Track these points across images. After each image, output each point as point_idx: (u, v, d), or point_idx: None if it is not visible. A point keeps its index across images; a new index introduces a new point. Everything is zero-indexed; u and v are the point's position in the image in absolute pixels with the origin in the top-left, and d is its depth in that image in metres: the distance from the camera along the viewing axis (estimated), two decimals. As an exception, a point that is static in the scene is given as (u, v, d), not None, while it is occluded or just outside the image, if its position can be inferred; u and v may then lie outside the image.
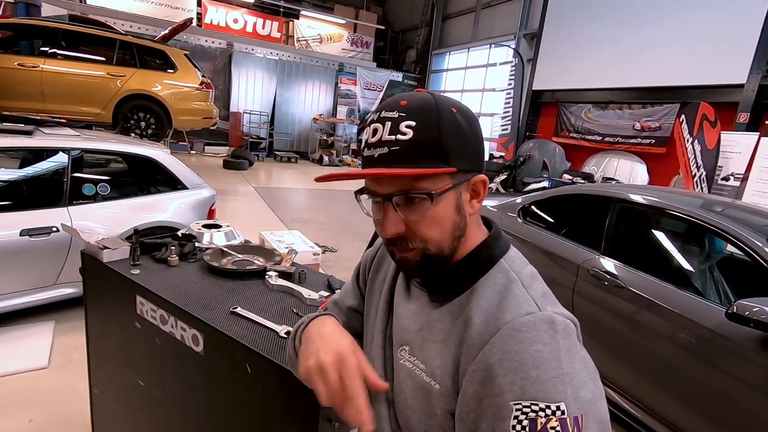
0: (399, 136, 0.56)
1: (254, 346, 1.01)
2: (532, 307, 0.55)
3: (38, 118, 3.41)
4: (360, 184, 0.64)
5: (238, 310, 1.16)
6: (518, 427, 0.49)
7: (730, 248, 2.37)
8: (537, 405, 0.49)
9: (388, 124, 0.57)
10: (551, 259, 2.70)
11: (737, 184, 5.55)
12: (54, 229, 2.61)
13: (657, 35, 7.17)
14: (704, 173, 5.79)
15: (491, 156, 10.23)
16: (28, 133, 2.78)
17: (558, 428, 0.48)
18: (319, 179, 0.64)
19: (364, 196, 0.63)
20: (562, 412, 0.48)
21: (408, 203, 0.58)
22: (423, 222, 0.58)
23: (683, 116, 6.26)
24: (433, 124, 0.57)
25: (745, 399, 1.78)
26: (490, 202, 3.51)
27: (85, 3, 10.32)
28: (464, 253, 0.63)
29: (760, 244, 1.93)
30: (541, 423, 0.48)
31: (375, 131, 0.58)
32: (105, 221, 2.85)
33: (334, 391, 0.58)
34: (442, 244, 0.60)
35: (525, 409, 0.49)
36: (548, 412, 0.48)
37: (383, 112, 0.59)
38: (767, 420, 1.70)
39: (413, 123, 0.56)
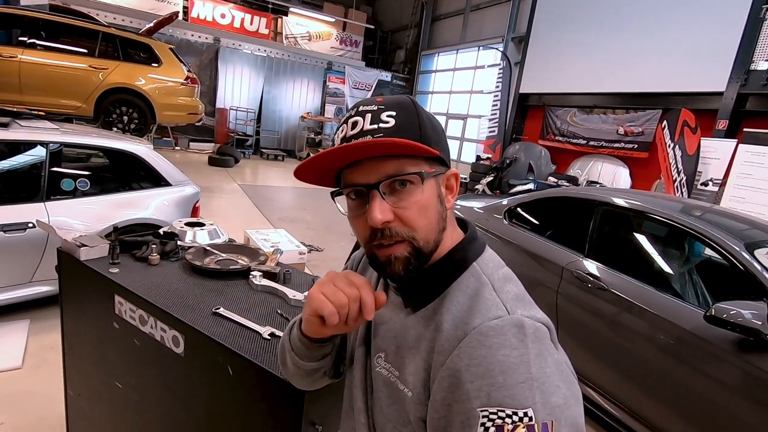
0: (381, 125, 0.57)
1: (236, 348, 0.99)
2: (501, 311, 0.54)
3: (15, 109, 3.29)
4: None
5: (221, 310, 1.14)
6: None
7: (709, 252, 2.43)
8: (503, 411, 0.47)
9: (369, 115, 0.58)
10: (536, 261, 2.73)
11: (716, 189, 5.70)
12: (30, 225, 2.53)
13: (641, 43, 7.32)
14: (684, 178, 5.93)
15: (478, 158, 10.30)
16: (4, 126, 2.69)
17: None
18: (298, 169, 0.61)
19: (340, 197, 0.62)
20: (530, 419, 0.47)
21: (395, 190, 0.57)
22: (412, 209, 0.57)
23: (665, 122, 6.40)
24: (412, 114, 0.59)
25: (723, 400, 1.82)
26: (476, 204, 3.53)
27: (67, -7, 10.04)
28: (438, 257, 0.62)
29: (738, 248, 1.98)
30: (508, 430, 0.47)
31: (355, 123, 0.58)
32: (84, 217, 2.77)
33: (346, 290, 0.57)
34: (429, 236, 0.58)
35: (492, 416, 0.47)
36: (515, 418, 0.47)
37: (361, 107, 0.59)
38: (744, 420, 1.75)
39: (394, 113, 0.58)
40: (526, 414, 0.47)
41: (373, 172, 0.57)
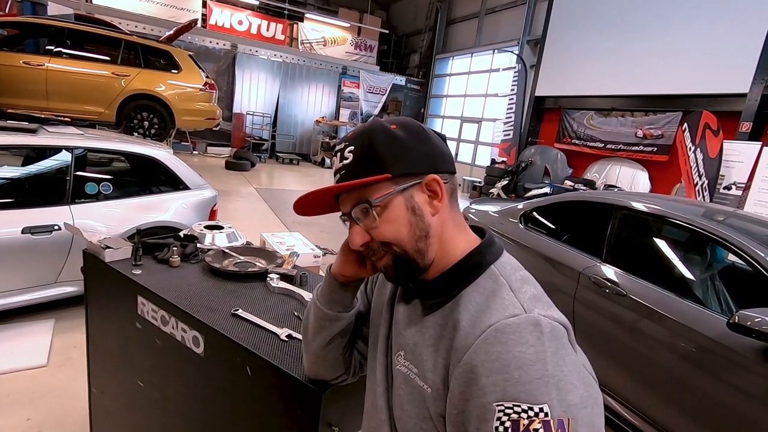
0: (345, 161, 0.65)
1: (255, 349, 1.01)
2: (518, 310, 0.56)
3: (42, 116, 3.42)
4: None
5: (239, 312, 1.16)
6: (501, 429, 0.48)
7: (732, 257, 2.36)
8: (519, 406, 0.48)
9: (339, 154, 0.66)
10: (552, 266, 2.70)
11: (739, 193, 5.55)
12: (56, 227, 2.61)
13: (660, 43, 7.19)
14: (706, 182, 5.79)
15: (493, 161, 10.25)
16: (33, 131, 2.79)
17: (541, 430, 0.47)
18: (297, 203, 0.68)
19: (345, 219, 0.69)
20: (546, 414, 0.48)
21: (364, 215, 0.63)
22: (379, 227, 0.63)
23: (686, 125, 6.27)
24: (366, 143, 0.63)
25: (746, 409, 1.77)
26: (491, 208, 3.51)
27: (91, 2, 10.37)
28: (455, 260, 0.65)
29: (762, 254, 1.92)
30: (524, 425, 0.48)
31: (333, 162, 0.68)
32: (107, 220, 2.85)
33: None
34: (403, 244, 0.63)
35: (507, 410, 0.49)
36: (531, 413, 0.48)
37: (338, 146, 0.67)
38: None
39: (353, 147, 0.64)
40: (541, 410, 0.48)
41: (347, 203, 0.65)
